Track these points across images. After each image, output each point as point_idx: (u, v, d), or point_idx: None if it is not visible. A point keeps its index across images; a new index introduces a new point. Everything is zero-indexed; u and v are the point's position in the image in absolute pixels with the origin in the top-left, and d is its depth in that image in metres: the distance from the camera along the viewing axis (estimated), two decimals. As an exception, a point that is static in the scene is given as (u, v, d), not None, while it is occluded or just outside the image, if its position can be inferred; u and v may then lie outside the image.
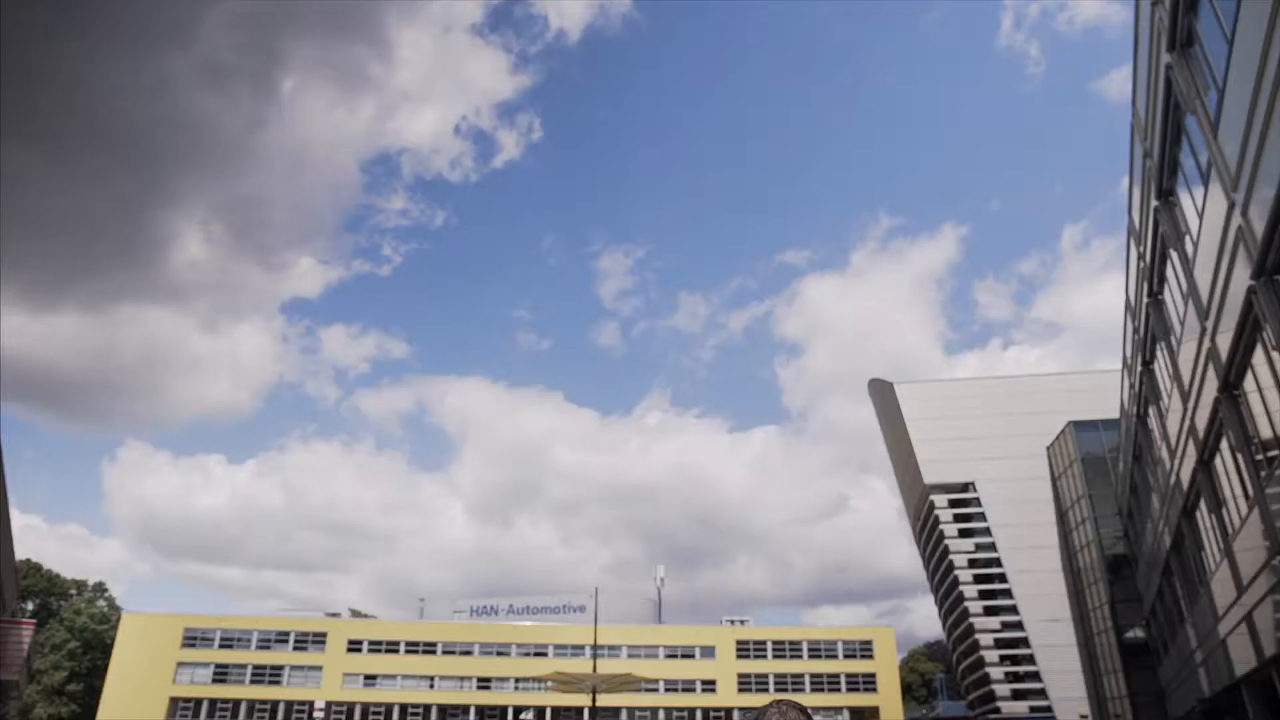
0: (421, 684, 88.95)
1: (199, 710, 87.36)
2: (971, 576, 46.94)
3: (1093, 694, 42.86)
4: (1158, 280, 18.39)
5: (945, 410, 48.86)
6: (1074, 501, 44.17)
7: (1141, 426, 26.20)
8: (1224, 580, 18.62)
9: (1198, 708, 22.86)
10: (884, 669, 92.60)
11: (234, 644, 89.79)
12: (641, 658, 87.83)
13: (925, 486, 48.80)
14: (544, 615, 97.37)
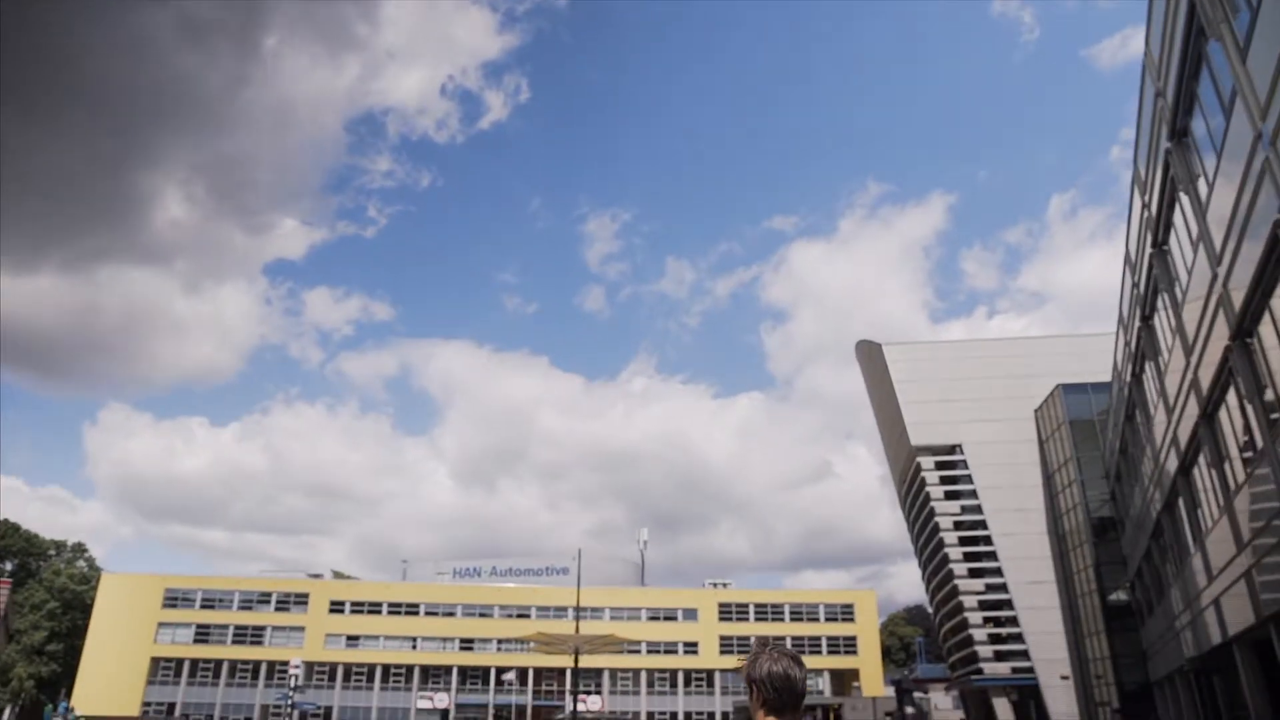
0: (404, 645, 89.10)
1: (180, 670, 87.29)
2: (957, 539, 46.88)
3: (1074, 655, 43.04)
4: (1163, 230, 17.84)
5: (933, 372, 48.55)
6: (1061, 464, 44.07)
7: (1136, 385, 25.82)
8: (1221, 538, 18.28)
9: (1186, 666, 22.69)
10: (864, 632, 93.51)
11: (215, 604, 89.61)
12: (624, 620, 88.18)
13: (912, 448, 48.58)
14: (526, 577, 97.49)
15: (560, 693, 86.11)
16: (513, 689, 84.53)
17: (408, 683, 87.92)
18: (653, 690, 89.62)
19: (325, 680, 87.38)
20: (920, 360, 49.72)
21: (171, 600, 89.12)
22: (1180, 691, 29.40)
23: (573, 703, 69.48)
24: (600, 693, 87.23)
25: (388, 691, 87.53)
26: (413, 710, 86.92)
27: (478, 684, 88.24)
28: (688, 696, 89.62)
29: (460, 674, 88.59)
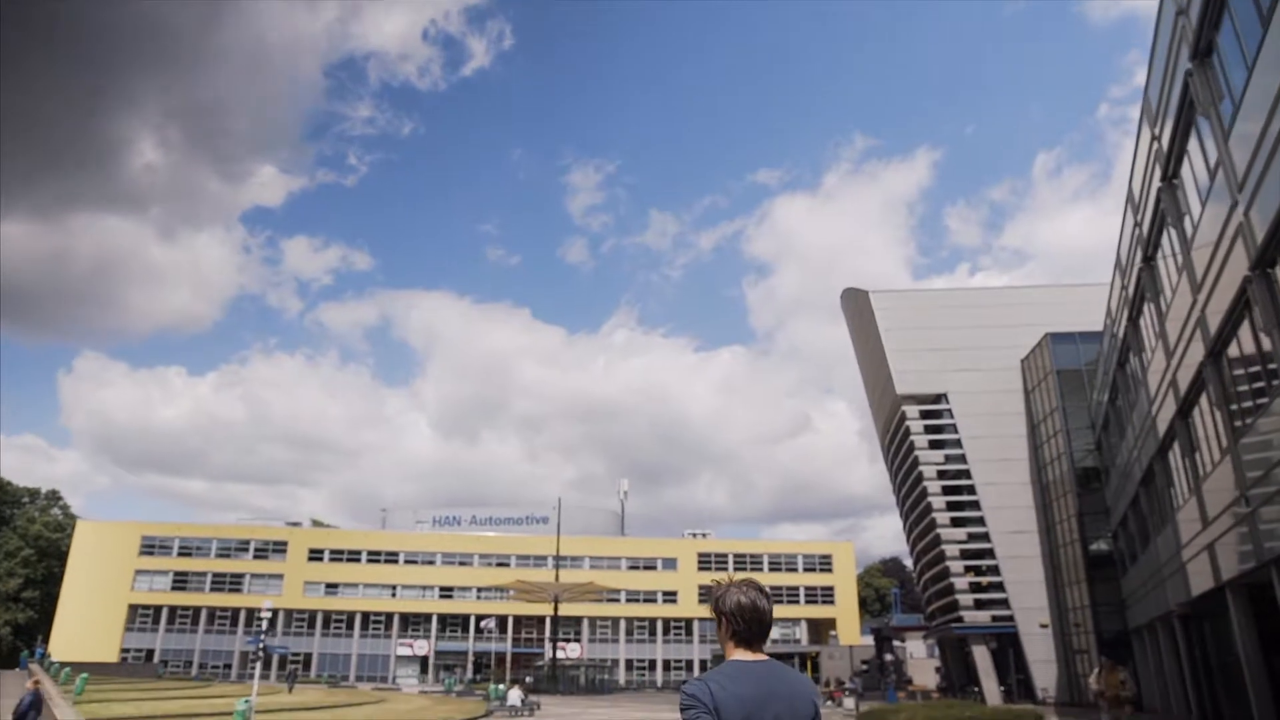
0: (383, 593, 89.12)
1: (158, 617, 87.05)
2: (940, 488, 46.74)
3: (1054, 604, 43.24)
4: (1175, 162, 17.16)
5: (920, 320, 48.04)
6: (1046, 415, 43.87)
7: (1132, 329, 25.34)
8: (1221, 482, 17.92)
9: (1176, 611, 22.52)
10: (842, 583, 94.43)
11: (193, 552, 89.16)
12: (604, 569, 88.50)
13: (897, 397, 48.20)
14: (506, 526, 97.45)
15: (539, 640, 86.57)
16: (492, 636, 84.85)
17: (387, 630, 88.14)
18: (631, 638, 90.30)
19: (304, 627, 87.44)
20: (907, 309, 49.16)
21: (148, 548, 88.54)
22: (1161, 638, 29.44)
23: (552, 650, 69.95)
24: (579, 640, 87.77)
25: (367, 639, 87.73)
26: (392, 657, 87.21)
27: (457, 631, 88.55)
28: (666, 645, 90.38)
29: (440, 621, 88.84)
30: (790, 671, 3.09)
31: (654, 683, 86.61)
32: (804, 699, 2.99)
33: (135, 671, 74.50)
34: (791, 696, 2.96)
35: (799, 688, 3.02)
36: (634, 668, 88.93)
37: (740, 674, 2.99)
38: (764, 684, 2.96)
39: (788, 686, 2.99)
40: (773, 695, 2.94)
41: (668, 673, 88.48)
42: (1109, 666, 14.00)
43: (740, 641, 3.09)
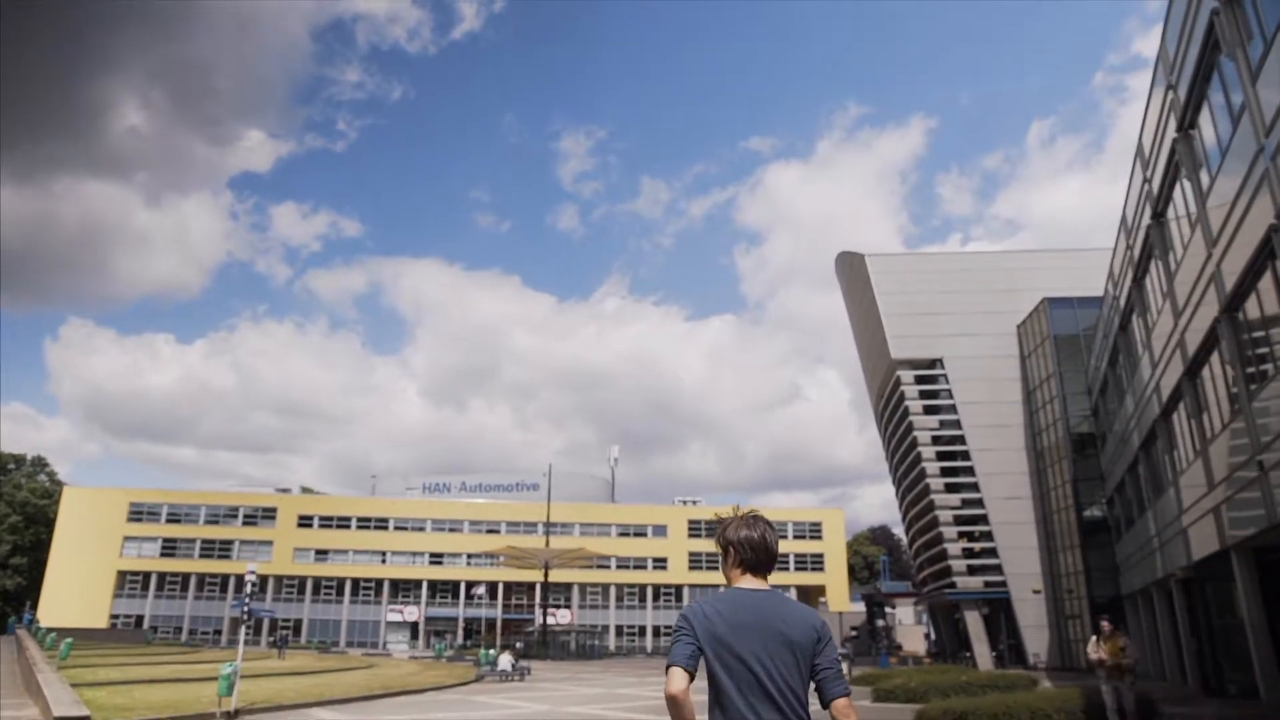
0: (373, 559, 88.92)
1: (147, 583, 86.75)
2: (934, 453, 46.43)
3: (1046, 570, 43.14)
4: (1193, 111, 16.52)
5: (916, 285, 47.45)
6: (1043, 380, 43.50)
7: (1137, 289, 24.81)
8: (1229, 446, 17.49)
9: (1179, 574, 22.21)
10: (831, 550, 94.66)
11: (182, 519, 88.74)
12: (594, 535, 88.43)
13: (892, 362, 47.71)
14: (496, 493, 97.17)
15: (530, 606, 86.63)
16: (482, 603, 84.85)
17: (377, 596, 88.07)
18: (621, 604, 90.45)
19: (294, 594, 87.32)
20: (903, 272, 48.56)
21: (136, 514, 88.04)
22: (1157, 603, 29.25)
23: (542, 616, 69.89)
24: (569, 607, 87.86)
25: (357, 605, 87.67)
26: (383, 623, 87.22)
27: (447, 598, 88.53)
28: (656, 611, 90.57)
29: (430, 588, 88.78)
30: (790, 602, 3.05)
31: (644, 648, 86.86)
32: (802, 628, 2.95)
33: (125, 637, 74.30)
34: (787, 625, 2.93)
35: (796, 617, 2.98)
36: (624, 634, 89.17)
37: (737, 600, 3.01)
38: (759, 611, 2.95)
39: (784, 615, 2.96)
40: (766, 622, 2.93)
41: (657, 639, 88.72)
42: (1109, 632, 13.14)
43: (747, 569, 3.12)
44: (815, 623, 3.02)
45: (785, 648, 2.91)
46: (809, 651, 2.95)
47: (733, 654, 2.91)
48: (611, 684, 31.85)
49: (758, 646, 2.90)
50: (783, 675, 2.89)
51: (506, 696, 25.97)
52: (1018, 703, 14.84)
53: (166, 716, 18.22)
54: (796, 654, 2.93)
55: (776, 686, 2.88)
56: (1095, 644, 13.45)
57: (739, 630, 2.92)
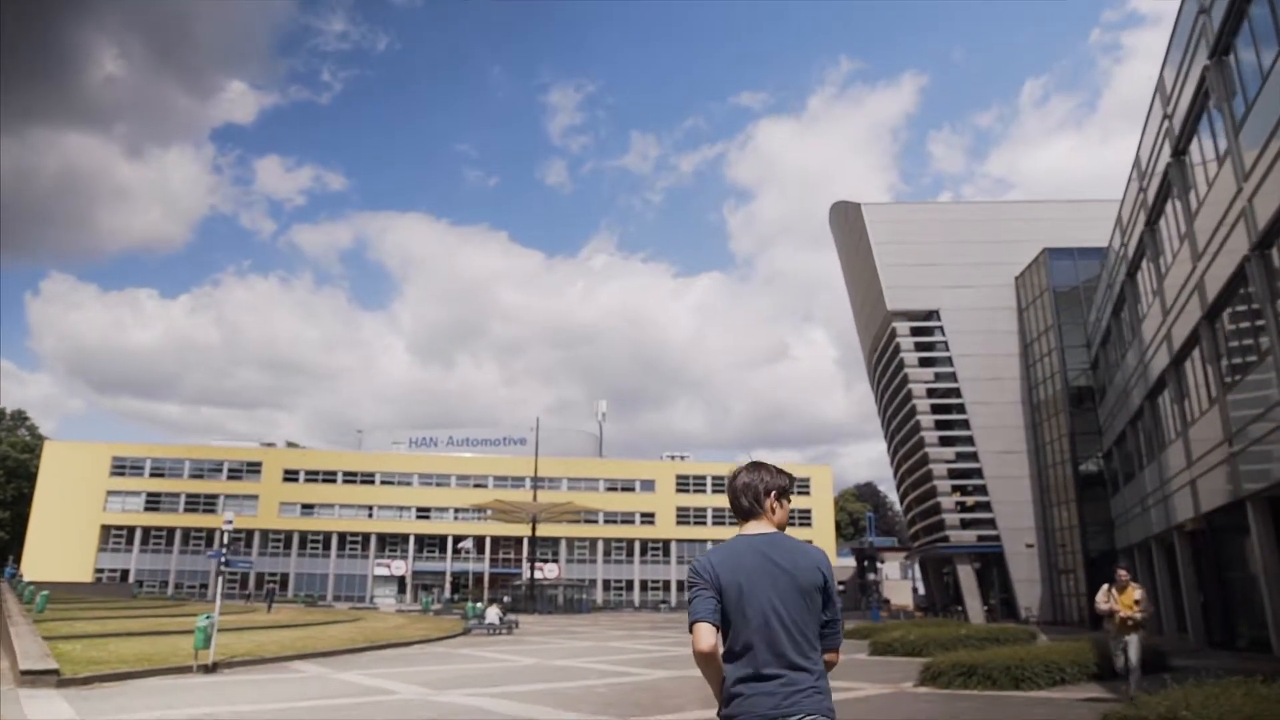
0: (360, 513, 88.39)
1: (132, 537, 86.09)
2: (929, 406, 45.80)
3: (1040, 524, 42.81)
4: (1228, 35, 15.51)
5: (913, 235, 46.42)
6: (1041, 333, 42.76)
7: (1149, 233, 23.94)
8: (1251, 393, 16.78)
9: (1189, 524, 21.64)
10: (819, 506, 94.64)
11: (165, 473, 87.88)
12: (582, 490, 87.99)
13: (888, 313, 46.85)
14: (484, 448, 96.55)
15: (517, 561, 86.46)
16: (470, 557, 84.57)
17: (364, 551, 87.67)
18: (609, 559, 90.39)
19: (281, 548, 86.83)
20: (900, 222, 47.51)
21: (119, 469, 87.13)
22: (1156, 557, 28.82)
23: (530, 570, 69.63)
24: (557, 561, 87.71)
25: (344, 559, 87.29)
26: (370, 577, 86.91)
27: (435, 552, 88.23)
28: (644, 565, 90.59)
29: (417, 542, 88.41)
30: (795, 544, 3.05)
31: (631, 603, 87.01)
32: (807, 569, 2.95)
33: (110, 591, 73.62)
34: (794, 567, 2.93)
35: (802, 558, 2.98)
36: (611, 588, 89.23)
37: (741, 547, 3.02)
38: (764, 556, 2.95)
39: (789, 556, 2.96)
40: (772, 564, 2.93)
41: (645, 593, 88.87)
42: (1123, 582, 11.78)
43: (741, 516, 3.16)
44: (821, 564, 3.01)
45: (794, 592, 2.90)
46: (817, 594, 2.96)
47: (744, 602, 2.90)
48: (601, 637, 31.40)
49: (769, 591, 2.89)
50: (794, 619, 2.88)
51: (494, 649, 25.41)
52: (1031, 656, 14.22)
53: (139, 669, 17.51)
54: (805, 599, 2.92)
55: (788, 633, 2.86)
56: (1106, 594, 11.81)
57: (749, 578, 2.92)
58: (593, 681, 16.02)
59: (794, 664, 2.86)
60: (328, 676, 17.45)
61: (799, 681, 2.85)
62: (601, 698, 13.50)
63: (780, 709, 2.81)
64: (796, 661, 2.86)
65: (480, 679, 16.73)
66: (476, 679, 16.74)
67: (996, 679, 13.77)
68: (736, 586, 2.91)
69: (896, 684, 14.91)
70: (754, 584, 2.90)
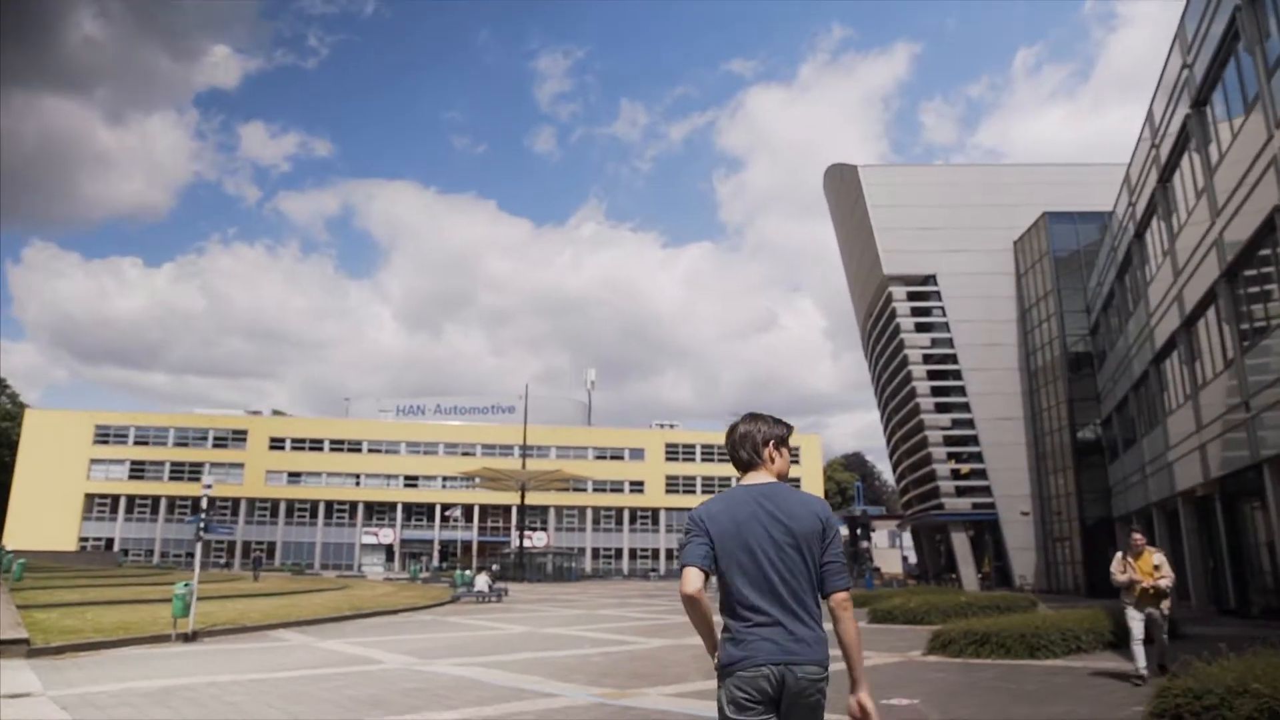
0: (347, 481, 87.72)
1: (116, 506, 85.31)
2: (925, 372, 45.17)
3: (1036, 492, 42.40)
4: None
5: (910, 198, 45.50)
6: (1039, 298, 42.08)
7: (1162, 189, 23.18)
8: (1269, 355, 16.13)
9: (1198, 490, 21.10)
10: (809, 475, 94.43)
11: (150, 441, 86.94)
12: (571, 459, 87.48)
13: (884, 278, 46.07)
14: (472, 416, 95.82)
15: (506, 529, 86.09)
16: (458, 525, 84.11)
17: (351, 519, 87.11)
18: (598, 527, 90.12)
19: (267, 516, 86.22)
20: (897, 185, 46.58)
21: (102, 437, 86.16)
22: (1158, 523, 28.35)
23: (519, 538, 69.18)
24: (546, 529, 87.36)
25: (331, 527, 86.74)
26: (357, 545, 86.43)
27: (423, 520, 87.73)
28: (633, 534, 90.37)
29: (405, 510, 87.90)
30: (791, 492, 3.02)
31: (620, 571, 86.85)
32: (805, 517, 2.93)
33: (94, 560, 72.82)
34: (791, 516, 2.91)
35: (799, 507, 2.95)
36: (600, 556, 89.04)
37: (739, 497, 3.00)
38: (761, 505, 2.93)
39: (787, 506, 2.94)
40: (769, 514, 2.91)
41: (634, 561, 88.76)
42: (1138, 548, 10.43)
43: (741, 467, 3.15)
44: (821, 512, 2.97)
45: (791, 541, 2.87)
46: (816, 543, 2.91)
47: (739, 551, 2.88)
48: (591, 605, 30.90)
49: (764, 541, 2.87)
50: (790, 570, 2.86)
51: (484, 617, 24.83)
52: (1046, 623, 13.62)
53: (115, 638, 16.81)
54: (803, 547, 2.89)
55: (784, 582, 2.84)
56: (1121, 562, 10.44)
57: (743, 526, 2.90)
58: (587, 650, 15.41)
59: (791, 613, 2.84)
60: (311, 645, 16.79)
61: (796, 632, 2.82)
62: (597, 667, 12.87)
63: (776, 658, 2.80)
64: (794, 611, 2.83)
65: (470, 648, 16.09)
66: (466, 647, 16.10)
67: (1011, 647, 13.17)
68: (732, 536, 2.89)
69: (904, 653, 14.33)
70: (750, 533, 2.89)
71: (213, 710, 9.19)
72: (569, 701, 9.56)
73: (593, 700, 9.62)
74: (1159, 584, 10.28)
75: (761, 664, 2.79)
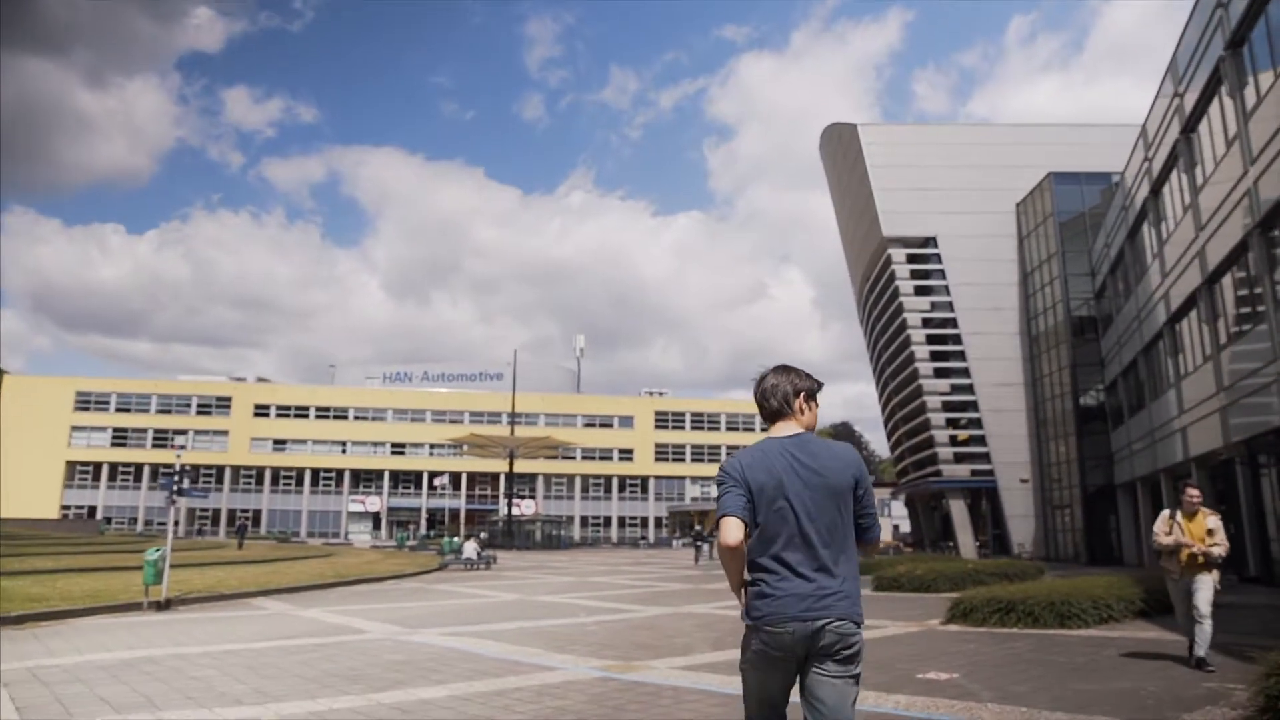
0: (333, 449, 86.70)
1: (98, 473, 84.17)
2: (924, 337, 44.25)
3: (1035, 459, 41.72)
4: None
5: (910, 158, 44.31)
6: (1043, 260, 41.08)
7: (1185, 141, 22.12)
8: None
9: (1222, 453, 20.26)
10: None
11: (132, 408, 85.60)
12: (559, 426, 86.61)
13: (883, 240, 44.98)
14: (459, 383, 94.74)
15: (494, 497, 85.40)
16: (445, 493, 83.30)
17: (338, 487, 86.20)
18: (587, 495, 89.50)
19: (252, 484, 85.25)
20: (897, 145, 45.35)
21: (84, 404, 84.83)
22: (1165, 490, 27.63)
23: (507, 506, 68.43)
24: (534, 498, 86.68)
25: (318, 495, 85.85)
26: (344, 513, 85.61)
27: (410, 488, 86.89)
28: (622, 502, 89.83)
29: (392, 478, 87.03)
30: (824, 444, 2.96)
31: (609, 539, 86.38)
32: (838, 470, 2.88)
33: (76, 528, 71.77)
34: (824, 468, 2.86)
35: (832, 459, 2.90)
36: (589, 524, 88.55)
37: (771, 447, 2.95)
38: (792, 456, 2.88)
39: (819, 458, 2.89)
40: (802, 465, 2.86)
41: (622, 529, 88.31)
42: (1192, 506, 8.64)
43: (772, 418, 3.08)
44: (854, 463, 2.93)
45: (826, 493, 2.83)
46: (849, 495, 2.88)
47: (774, 503, 2.83)
48: (583, 573, 30.10)
49: (799, 493, 2.82)
50: (824, 521, 2.81)
51: (473, 585, 23.97)
52: (1076, 591, 12.77)
53: (83, 607, 15.83)
54: (836, 498, 2.84)
55: (818, 534, 2.80)
56: (1167, 521, 8.68)
57: (778, 478, 2.85)
58: (583, 619, 14.52)
59: (824, 567, 2.80)
60: (290, 614, 15.84)
61: (828, 585, 2.79)
62: (596, 637, 11.96)
63: (809, 612, 2.75)
64: (826, 564, 2.80)
65: (459, 616, 15.17)
66: (455, 616, 15.18)
67: (1039, 616, 12.32)
68: (766, 487, 2.84)
69: (921, 621, 13.49)
70: (784, 485, 2.83)
71: (173, 685, 8.22)
72: (569, 675, 8.63)
73: (595, 674, 8.69)
74: (1211, 551, 8.55)
75: (791, 618, 2.75)
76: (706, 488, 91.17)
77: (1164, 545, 8.90)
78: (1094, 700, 7.02)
